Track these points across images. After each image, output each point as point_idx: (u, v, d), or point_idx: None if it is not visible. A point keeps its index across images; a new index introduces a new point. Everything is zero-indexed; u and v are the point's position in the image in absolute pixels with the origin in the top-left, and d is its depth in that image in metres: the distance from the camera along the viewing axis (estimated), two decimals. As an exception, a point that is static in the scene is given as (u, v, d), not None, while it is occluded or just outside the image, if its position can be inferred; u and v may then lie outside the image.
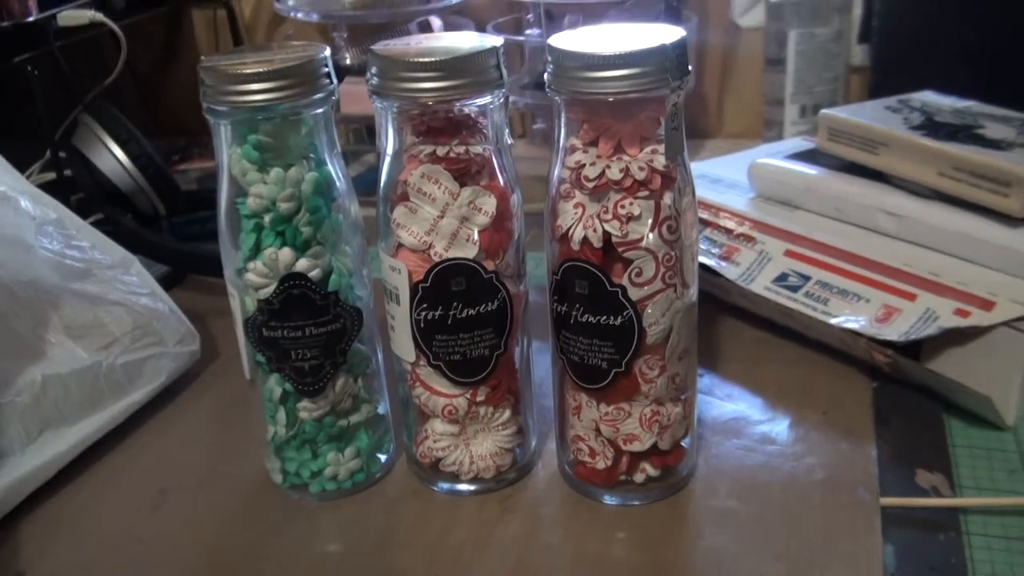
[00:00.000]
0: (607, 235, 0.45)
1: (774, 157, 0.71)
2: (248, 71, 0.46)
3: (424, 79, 0.45)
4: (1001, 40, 0.78)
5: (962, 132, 0.62)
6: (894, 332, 0.57)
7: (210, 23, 1.09)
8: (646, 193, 0.45)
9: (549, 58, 0.45)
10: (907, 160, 0.62)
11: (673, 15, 0.88)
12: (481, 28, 0.93)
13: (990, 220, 0.58)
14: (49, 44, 0.83)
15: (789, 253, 0.64)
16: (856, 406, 0.58)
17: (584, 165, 0.45)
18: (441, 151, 0.47)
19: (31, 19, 0.83)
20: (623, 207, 0.45)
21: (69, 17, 0.84)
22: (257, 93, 0.46)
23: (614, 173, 0.45)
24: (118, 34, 0.87)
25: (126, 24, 0.90)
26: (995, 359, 0.55)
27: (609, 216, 0.45)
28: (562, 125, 0.47)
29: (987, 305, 0.55)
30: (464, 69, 0.45)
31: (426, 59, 0.45)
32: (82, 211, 0.81)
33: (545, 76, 0.46)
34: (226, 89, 0.46)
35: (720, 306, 0.68)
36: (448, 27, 0.94)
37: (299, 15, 0.90)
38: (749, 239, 0.66)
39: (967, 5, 0.79)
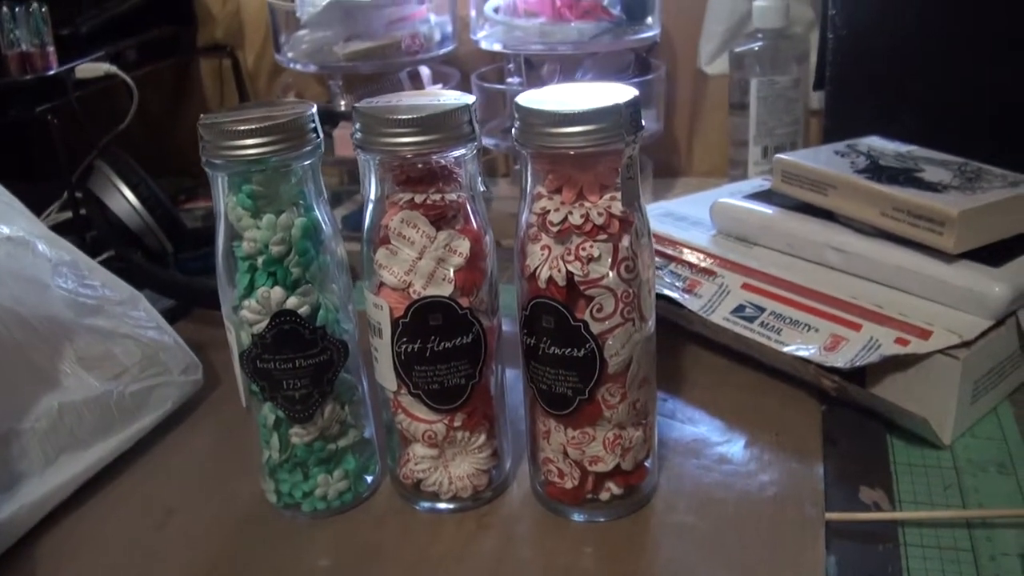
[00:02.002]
0: (570, 275, 0.47)
1: (734, 197, 0.72)
2: (242, 128, 0.48)
3: (403, 134, 0.47)
4: (942, 88, 0.81)
5: (903, 175, 0.64)
6: (840, 359, 0.58)
7: (216, 72, 1.12)
8: (605, 236, 0.47)
9: (516, 115, 0.47)
10: (853, 201, 0.64)
11: (642, 65, 0.90)
12: (466, 77, 0.95)
13: (927, 256, 0.60)
14: (68, 95, 0.85)
15: (746, 286, 0.65)
16: (806, 428, 0.60)
17: (549, 211, 0.47)
18: (419, 198, 0.49)
19: (52, 72, 0.85)
20: (584, 249, 0.47)
21: (86, 70, 0.87)
22: (250, 148, 0.48)
23: (576, 218, 0.47)
24: (130, 85, 0.89)
25: (138, 75, 0.93)
26: (932, 384, 0.56)
27: (572, 257, 0.47)
28: (529, 174, 0.49)
29: (924, 334, 0.57)
30: (439, 125, 0.47)
31: (405, 116, 0.47)
32: (96, 247, 0.83)
33: (512, 131, 0.48)
34: (222, 144, 0.48)
35: (683, 334, 0.70)
36: (436, 76, 0.96)
37: (297, 66, 0.92)
38: (710, 273, 0.67)
39: (912, 57, 0.81)
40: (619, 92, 0.47)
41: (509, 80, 0.92)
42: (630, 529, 0.52)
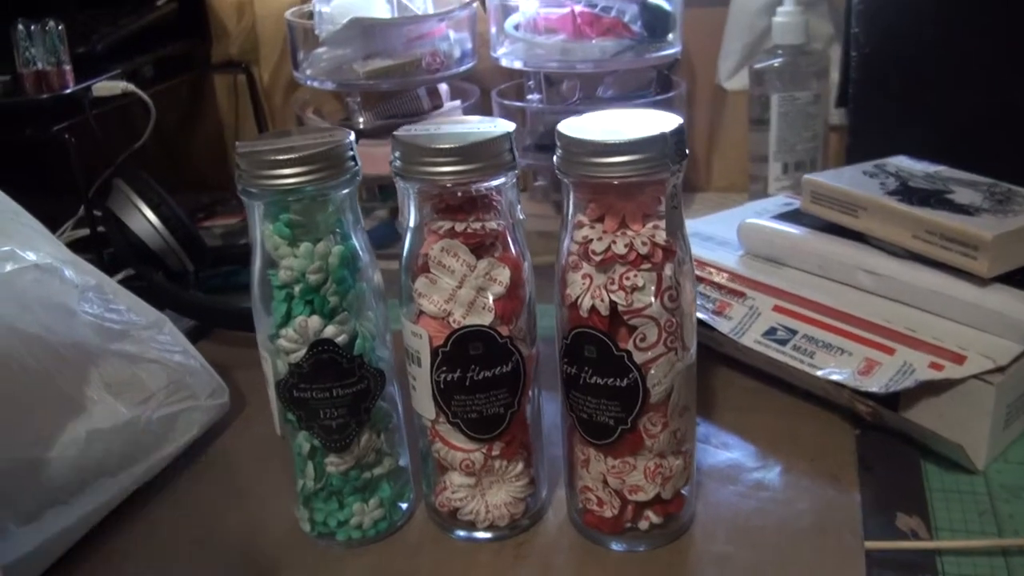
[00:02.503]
0: (613, 304, 0.47)
1: (761, 217, 0.72)
2: (280, 157, 0.47)
3: (443, 163, 0.47)
4: (965, 107, 0.80)
5: (934, 197, 0.64)
6: (875, 384, 0.58)
7: (231, 88, 1.11)
8: (649, 266, 0.47)
9: (559, 143, 0.47)
10: (884, 223, 0.63)
11: (663, 82, 0.90)
12: (485, 94, 0.95)
13: (960, 279, 0.60)
14: (85, 113, 0.84)
15: (777, 308, 0.65)
16: (841, 453, 0.60)
17: (591, 240, 0.47)
18: (459, 227, 0.48)
19: (69, 91, 0.84)
20: (628, 279, 0.46)
21: (103, 88, 0.86)
22: (288, 177, 0.47)
23: (619, 248, 0.46)
24: (148, 102, 0.88)
25: (153, 92, 0.92)
26: (965, 409, 0.56)
27: (615, 287, 0.47)
28: (571, 203, 0.48)
29: (959, 359, 0.57)
30: (480, 154, 0.47)
31: (445, 145, 0.47)
32: (113, 266, 0.83)
33: (554, 159, 0.48)
34: (259, 173, 0.48)
35: (713, 357, 0.70)
36: (454, 93, 0.95)
37: (315, 83, 0.92)
38: (740, 295, 0.67)
39: (936, 76, 0.81)
40: (663, 120, 0.47)
41: (529, 97, 0.91)
42: (669, 559, 0.52)
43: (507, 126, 0.49)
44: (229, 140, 1.13)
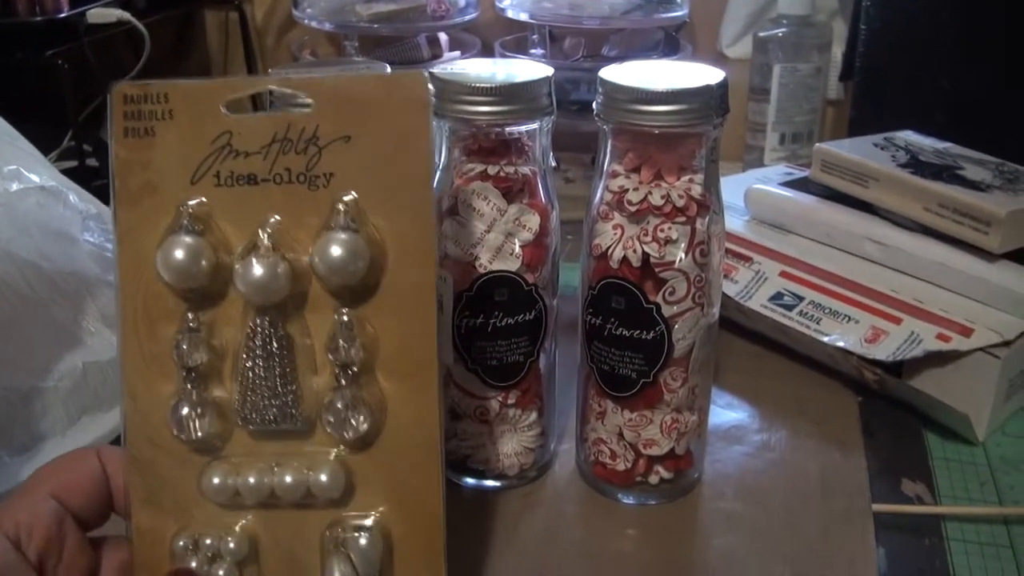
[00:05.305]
0: (646, 256, 0.46)
1: (767, 184, 0.72)
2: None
3: (481, 103, 0.46)
4: (971, 87, 0.81)
5: (945, 172, 0.64)
6: (882, 352, 0.58)
7: (221, 25, 1.08)
8: (683, 219, 0.46)
9: (600, 89, 0.46)
10: (895, 195, 0.63)
11: (671, 44, 0.89)
12: (488, 46, 0.94)
13: (970, 254, 0.60)
14: (79, 40, 0.81)
15: (784, 274, 0.65)
16: (845, 418, 0.60)
17: (627, 190, 0.46)
18: (492, 170, 0.47)
19: (63, 15, 0.81)
20: (662, 231, 0.46)
21: (98, 15, 0.83)
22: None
23: (656, 199, 0.46)
24: (142, 32, 0.86)
25: (145, 23, 0.89)
26: (970, 380, 0.57)
27: (649, 238, 0.46)
28: (607, 152, 0.48)
29: (966, 332, 0.57)
30: (518, 95, 0.46)
31: (484, 84, 0.46)
32: (102, 197, 0.80)
33: (594, 105, 0.47)
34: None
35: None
36: (455, 44, 0.94)
37: (313, 23, 0.90)
38: (746, 259, 0.67)
39: (944, 54, 0.81)
40: (705, 72, 0.46)
41: (532, 51, 0.90)
42: (679, 514, 0.52)
43: (546, 70, 0.47)
44: (217, 79, 1.10)
